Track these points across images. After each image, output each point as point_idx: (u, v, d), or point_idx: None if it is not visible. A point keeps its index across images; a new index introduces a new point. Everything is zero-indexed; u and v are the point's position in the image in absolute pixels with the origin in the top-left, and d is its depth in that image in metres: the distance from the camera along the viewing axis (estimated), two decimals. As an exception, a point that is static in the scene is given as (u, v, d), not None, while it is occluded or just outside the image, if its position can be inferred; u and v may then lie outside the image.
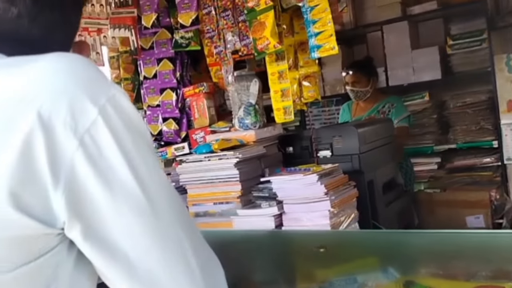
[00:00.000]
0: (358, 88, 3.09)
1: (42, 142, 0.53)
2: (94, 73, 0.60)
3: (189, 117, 2.47)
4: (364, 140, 2.15)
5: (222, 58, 2.13)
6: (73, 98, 0.56)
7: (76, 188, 0.55)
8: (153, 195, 0.58)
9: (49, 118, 0.54)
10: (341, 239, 1.00)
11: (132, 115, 0.60)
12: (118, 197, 0.56)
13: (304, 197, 1.75)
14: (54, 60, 0.59)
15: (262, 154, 2.07)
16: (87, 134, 0.55)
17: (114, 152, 0.56)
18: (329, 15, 1.80)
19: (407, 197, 2.74)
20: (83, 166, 0.55)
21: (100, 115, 0.56)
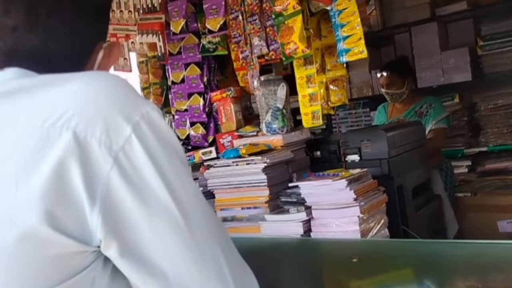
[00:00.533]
0: (393, 90, 3.02)
1: (77, 162, 0.54)
2: (127, 92, 0.61)
3: (216, 122, 2.47)
4: (394, 144, 2.11)
5: (248, 63, 2.13)
6: (107, 116, 0.56)
7: (112, 206, 0.55)
8: (189, 211, 0.58)
9: (84, 137, 0.55)
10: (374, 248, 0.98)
11: (165, 131, 0.60)
12: (154, 214, 0.56)
13: (333, 202, 1.73)
14: (89, 80, 0.60)
15: (290, 158, 2.06)
16: (121, 152, 0.56)
17: (148, 169, 0.57)
18: (357, 19, 1.78)
19: (438, 201, 2.69)
20: (118, 184, 0.55)
21: (134, 132, 0.57)
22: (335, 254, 0.95)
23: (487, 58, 3.43)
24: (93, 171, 0.55)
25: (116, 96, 0.59)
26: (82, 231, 0.54)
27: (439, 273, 0.85)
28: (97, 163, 0.55)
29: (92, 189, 0.54)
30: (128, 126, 0.57)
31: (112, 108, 0.57)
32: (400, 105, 3.09)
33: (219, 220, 0.65)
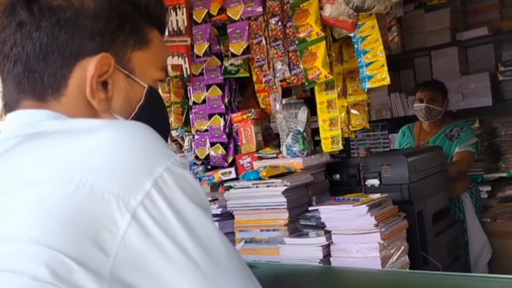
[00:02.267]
0: (434, 106, 2.98)
1: (94, 219, 0.53)
2: (153, 143, 0.59)
3: (236, 142, 2.49)
4: (414, 169, 2.11)
5: (271, 86, 2.16)
6: (127, 171, 0.55)
7: (133, 264, 0.53)
8: (216, 262, 0.56)
9: (102, 194, 0.53)
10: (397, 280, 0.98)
11: (190, 182, 0.58)
12: (180, 268, 0.54)
13: (353, 228, 1.73)
14: (112, 131, 0.59)
15: (310, 181, 2.07)
16: (140, 207, 0.54)
17: (172, 223, 0.55)
18: (380, 46, 1.80)
19: (458, 226, 2.66)
20: (138, 241, 0.53)
21: (155, 186, 0.55)
22: (357, 285, 0.95)
23: (507, 84, 3.42)
24: (108, 228, 0.53)
25: (140, 149, 0.57)
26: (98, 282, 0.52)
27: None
28: (114, 219, 0.53)
29: (105, 248, 0.52)
30: (149, 180, 0.55)
31: (133, 161, 0.56)
32: (429, 127, 3.05)
33: (244, 265, 0.61)
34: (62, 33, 0.66)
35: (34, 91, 0.67)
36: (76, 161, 0.56)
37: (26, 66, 0.67)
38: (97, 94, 0.68)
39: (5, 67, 0.69)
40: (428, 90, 3.01)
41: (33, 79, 0.67)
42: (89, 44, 0.67)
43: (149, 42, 0.73)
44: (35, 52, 0.66)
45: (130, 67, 0.71)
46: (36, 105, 0.68)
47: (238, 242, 2.03)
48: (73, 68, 0.67)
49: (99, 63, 0.67)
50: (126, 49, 0.71)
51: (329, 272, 1.45)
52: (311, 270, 1.06)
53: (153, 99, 0.74)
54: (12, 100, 0.69)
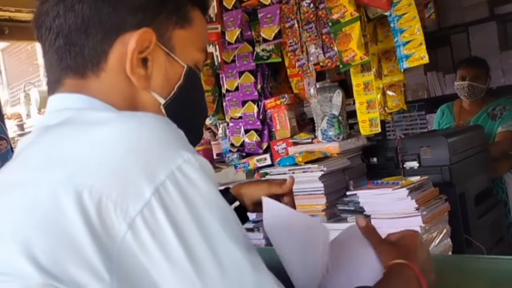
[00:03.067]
0: (478, 84, 2.87)
1: (87, 226, 0.51)
2: (160, 142, 0.55)
3: (270, 129, 2.48)
4: (455, 150, 2.05)
5: (305, 70, 2.12)
6: (127, 176, 0.52)
7: (129, 274, 0.51)
8: (213, 281, 0.52)
9: (99, 199, 0.51)
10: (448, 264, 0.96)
11: (201, 187, 0.54)
12: (173, 285, 0.52)
13: (393, 212, 1.70)
14: (115, 129, 0.56)
15: (346, 166, 2.04)
16: (139, 217, 0.51)
17: (168, 237, 0.51)
18: (418, 23, 1.74)
19: (501, 207, 2.58)
20: (134, 251, 0.51)
21: (155, 195, 0.52)
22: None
23: (550, 57, 3.27)
24: (107, 236, 0.51)
25: (144, 149, 0.54)
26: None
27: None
28: (111, 227, 0.51)
29: (106, 255, 0.51)
30: (149, 187, 0.52)
31: (135, 165, 0.52)
32: (470, 107, 2.96)
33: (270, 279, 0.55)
34: (104, 5, 0.65)
35: (75, 66, 0.67)
36: (78, 161, 0.54)
37: (68, 39, 0.66)
38: (136, 70, 0.66)
39: (46, 39, 0.68)
40: (471, 67, 2.90)
41: (74, 52, 0.66)
42: (131, 19, 0.66)
43: (190, 21, 0.72)
44: (77, 24, 0.65)
45: (171, 45, 0.70)
46: (77, 83, 0.67)
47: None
48: (114, 43, 0.66)
49: (140, 38, 0.66)
50: (168, 26, 0.69)
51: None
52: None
53: (192, 80, 0.73)
54: (55, 77, 0.69)
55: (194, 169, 0.54)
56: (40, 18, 0.68)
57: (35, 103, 5.35)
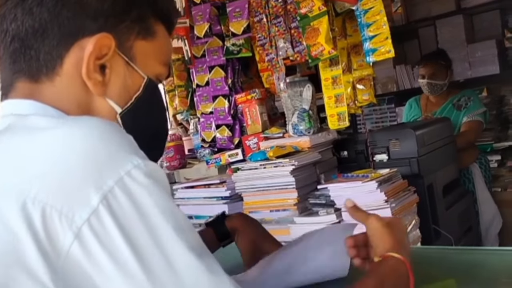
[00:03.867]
0: (436, 81, 2.93)
1: (31, 238, 0.49)
2: (108, 147, 0.53)
3: (241, 124, 2.47)
4: (423, 143, 2.09)
5: (274, 65, 2.12)
6: (73, 184, 0.51)
7: (76, 284, 0.50)
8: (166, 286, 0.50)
9: (43, 208, 0.49)
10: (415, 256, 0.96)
11: (151, 194, 0.52)
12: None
13: (363, 204, 1.69)
14: (66, 132, 0.55)
15: (317, 160, 2.05)
16: (86, 226, 0.49)
17: (118, 245, 0.50)
18: (384, 18, 1.76)
19: (469, 197, 2.65)
20: (81, 261, 0.50)
21: (103, 202, 0.50)
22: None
23: (515, 50, 3.36)
24: (52, 247, 0.49)
25: (91, 155, 0.52)
26: None
27: (482, 283, 0.83)
28: (56, 237, 0.49)
29: (52, 266, 0.49)
30: (96, 195, 0.50)
31: (81, 172, 0.51)
32: (436, 99, 3.01)
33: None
34: (64, 10, 0.63)
35: (29, 70, 0.65)
36: (21, 169, 0.52)
37: (23, 42, 0.64)
38: (93, 74, 0.65)
39: (1, 42, 0.66)
40: (428, 65, 2.97)
41: (29, 56, 0.64)
42: (91, 24, 0.64)
43: (154, 34, 0.71)
44: (34, 28, 0.63)
45: (131, 54, 0.68)
46: (29, 87, 0.65)
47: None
48: (71, 47, 0.64)
49: (99, 42, 0.64)
50: (130, 35, 0.68)
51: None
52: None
53: (152, 92, 0.71)
54: (7, 81, 0.67)
55: (144, 175, 0.53)
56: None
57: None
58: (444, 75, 2.95)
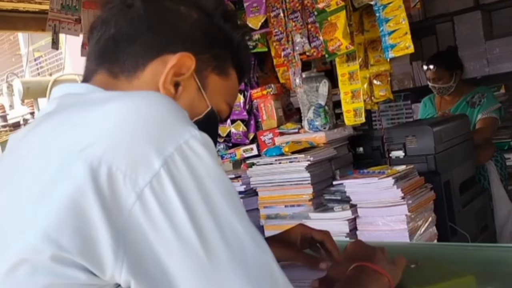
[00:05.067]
0: (440, 85, 2.93)
1: (97, 194, 0.51)
2: (168, 117, 0.57)
3: (257, 119, 2.47)
4: (440, 139, 2.07)
5: (290, 60, 2.11)
6: (137, 148, 0.53)
7: (136, 245, 0.52)
8: (219, 256, 0.52)
9: (109, 169, 0.52)
10: (431, 253, 0.96)
11: (207, 163, 0.55)
12: (179, 257, 0.52)
13: (379, 201, 1.71)
14: (128, 101, 0.58)
15: (333, 155, 2.05)
16: (148, 188, 0.52)
17: (176, 208, 0.52)
18: (403, 13, 1.74)
19: (486, 195, 2.62)
20: (141, 222, 0.51)
21: (165, 166, 0.52)
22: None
23: (534, 47, 3.30)
24: (116, 206, 0.51)
25: (153, 123, 0.55)
26: (98, 265, 0.52)
27: (505, 280, 0.82)
28: (120, 197, 0.51)
29: (114, 226, 0.51)
30: (158, 159, 0.53)
31: (144, 138, 0.54)
32: (449, 97, 2.99)
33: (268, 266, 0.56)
34: (161, 28, 0.71)
35: (112, 68, 0.71)
36: (88, 133, 0.55)
37: (117, 44, 0.71)
38: (168, 85, 0.70)
39: (96, 39, 0.73)
40: (431, 70, 2.96)
41: (118, 57, 0.71)
42: (178, 45, 0.71)
43: (227, 74, 0.77)
44: (129, 35, 0.71)
45: (204, 83, 0.74)
46: (108, 80, 0.71)
47: (263, 218, 2.03)
48: (155, 59, 0.70)
49: (181, 59, 0.70)
50: (207, 66, 0.74)
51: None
52: (338, 244, 1.05)
53: (211, 122, 0.76)
54: (89, 71, 0.73)
55: (200, 145, 0.55)
56: (99, 22, 0.74)
57: (18, 94, 5.27)
58: (448, 78, 2.92)
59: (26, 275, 0.52)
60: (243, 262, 0.53)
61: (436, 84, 2.94)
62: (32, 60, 7.01)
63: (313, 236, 1.06)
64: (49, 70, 7.07)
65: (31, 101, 5.64)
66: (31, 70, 7.27)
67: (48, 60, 7.13)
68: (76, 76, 5.48)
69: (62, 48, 5.80)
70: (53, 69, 6.96)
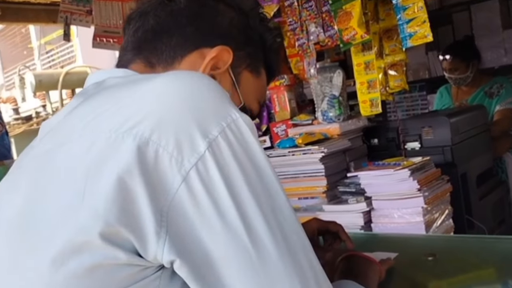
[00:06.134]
0: (456, 75, 2.88)
1: (143, 174, 0.51)
2: (212, 98, 0.57)
3: (269, 110, 2.44)
4: (457, 131, 2.03)
5: (305, 50, 2.08)
6: (183, 129, 0.53)
7: (179, 227, 0.52)
8: (263, 241, 0.52)
9: (156, 150, 0.52)
10: (448, 245, 0.94)
11: (250, 146, 0.55)
12: (222, 239, 0.52)
13: (395, 193, 1.68)
14: (171, 80, 0.57)
15: (347, 147, 2.02)
16: (193, 170, 0.52)
17: (221, 191, 0.52)
18: (421, 1, 1.69)
19: (504, 188, 2.57)
20: (186, 204, 0.51)
21: (209, 149, 0.53)
22: (407, 251, 0.91)
23: (554, 35, 3.22)
24: (161, 187, 0.51)
25: (197, 104, 0.55)
26: (143, 247, 0.52)
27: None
28: (165, 178, 0.51)
29: (158, 206, 0.51)
30: (204, 142, 0.53)
31: (189, 118, 0.54)
32: (467, 87, 2.94)
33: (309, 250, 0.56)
34: (203, 22, 0.73)
35: (150, 58, 0.72)
36: (134, 110, 0.55)
37: (156, 36, 0.72)
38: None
39: (134, 32, 0.74)
40: (447, 59, 2.91)
41: (156, 48, 0.72)
42: (216, 40, 0.72)
43: (259, 73, 0.79)
44: (169, 27, 0.72)
45: (238, 79, 0.75)
46: (144, 69, 0.72)
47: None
48: (193, 51, 0.72)
49: (221, 52, 0.71)
50: (242, 63, 0.76)
51: (373, 239, 1.42)
52: (353, 237, 1.04)
53: None
54: (125, 60, 0.74)
55: (243, 128, 0.55)
56: (137, 14, 0.75)
57: (30, 86, 5.31)
58: (464, 68, 2.87)
59: (73, 258, 0.51)
60: (287, 250, 0.53)
61: (452, 74, 2.90)
62: (44, 53, 7.04)
63: (328, 229, 1.07)
64: (60, 63, 7.10)
65: (43, 94, 5.68)
66: (42, 63, 7.31)
67: (59, 53, 7.16)
68: (87, 68, 5.50)
69: (74, 41, 5.82)
70: (64, 62, 6.99)
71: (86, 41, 3.01)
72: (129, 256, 0.51)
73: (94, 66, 5.19)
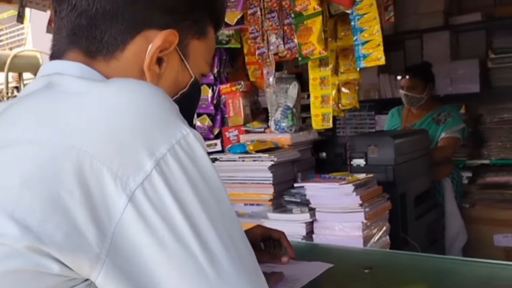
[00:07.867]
0: (413, 94, 3.00)
1: (84, 196, 0.49)
2: (160, 114, 0.54)
3: (223, 114, 2.46)
4: (400, 152, 2.12)
5: (265, 59, 2.12)
6: (128, 148, 0.51)
7: (123, 250, 0.50)
8: (218, 256, 0.52)
9: (99, 169, 0.49)
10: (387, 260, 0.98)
11: (201, 162, 0.54)
12: (175, 259, 0.50)
13: (338, 206, 1.73)
14: (114, 95, 0.54)
15: (296, 158, 2.06)
16: (139, 190, 0.50)
17: (172, 210, 0.50)
18: (377, 25, 1.77)
19: (439, 210, 2.70)
20: (133, 225, 0.49)
21: (157, 168, 0.50)
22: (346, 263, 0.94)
23: (496, 71, 3.43)
24: (104, 208, 0.49)
25: (144, 120, 0.52)
26: (78, 266, 0.50)
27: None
28: (110, 199, 0.49)
29: (101, 228, 0.49)
30: (150, 160, 0.50)
31: (136, 136, 0.51)
32: (417, 111, 3.07)
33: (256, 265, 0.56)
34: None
35: (88, 47, 0.66)
36: (77, 128, 0.52)
37: (91, 21, 0.65)
38: (153, 66, 0.67)
39: (66, 15, 0.66)
40: (407, 78, 3.03)
41: (93, 35, 0.65)
42: (159, 18, 0.67)
43: (206, 34, 0.74)
44: (105, 10, 0.65)
45: (186, 52, 0.71)
46: (83, 58, 0.66)
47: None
48: (136, 36, 0.66)
49: (167, 37, 0.66)
50: (188, 34, 0.70)
51: (313, 249, 1.46)
52: (294, 245, 1.07)
53: (195, 91, 0.75)
54: (60, 49, 0.67)
55: (193, 144, 0.54)
56: None
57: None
58: (422, 89, 3.00)
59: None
60: (241, 263, 0.53)
61: (409, 92, 3.00)
62: (-8, 33, 6.75)
63: (271, 235, 1.09)
64: (8, 45, 6.81)
65: (-12, 74, 5.42)
66: (-11, 44, 6.99)
67: (8, 34, 6.87)
68: (37, 52, 5.30)
69: (25, 23, 5.60)
70: (13, 44, 6.71)
71: (38, 24, 2.90)
72: (61, 269, 0.50)
73: (45, 52, 5.02)
